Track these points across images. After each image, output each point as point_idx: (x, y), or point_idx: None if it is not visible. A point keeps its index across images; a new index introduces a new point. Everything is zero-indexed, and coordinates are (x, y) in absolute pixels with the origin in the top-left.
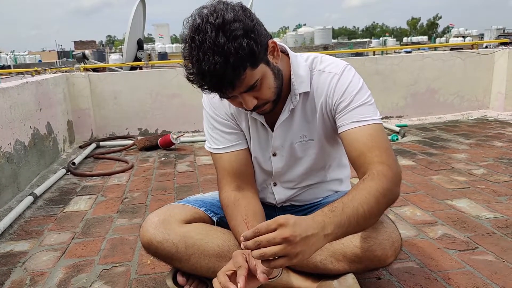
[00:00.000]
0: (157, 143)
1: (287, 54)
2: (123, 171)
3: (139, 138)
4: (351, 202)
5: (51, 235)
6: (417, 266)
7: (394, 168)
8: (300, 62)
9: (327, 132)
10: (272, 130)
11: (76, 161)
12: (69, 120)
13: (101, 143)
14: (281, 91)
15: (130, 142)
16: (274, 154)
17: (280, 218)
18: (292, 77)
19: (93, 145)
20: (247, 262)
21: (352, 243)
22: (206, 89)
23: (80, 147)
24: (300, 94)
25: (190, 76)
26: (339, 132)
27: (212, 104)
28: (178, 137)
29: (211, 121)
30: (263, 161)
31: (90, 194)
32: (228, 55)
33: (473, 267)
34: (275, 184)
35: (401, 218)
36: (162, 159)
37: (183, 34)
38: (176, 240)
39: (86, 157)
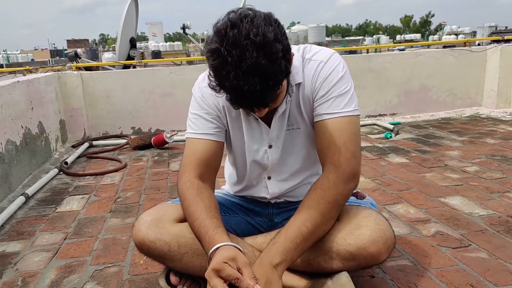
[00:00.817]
0: (151, 142)
1: None
2: (116, 171)
3: (132, 137)
4: (293, 225)
5: (43, 236)
6: (411, 264)
7: (344, 168)
8: (294, 53)
9: (312, 120)
10: (266, 123)
11: (69, 160)
12: (61, 119)
13: (94, 143)
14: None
15: (123, 141)
16: (270, 146)
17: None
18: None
19: (86, 145)
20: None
21: (346, 241)
22: (236, 105)
23: (73, 146)
24: (295, 85)
25: (217, 88)
26: (314, 121)
27: (203, 93)
28: (171, 136)
29: (196, 107)
30: (258, 154)
31: (83, 194)
32: (268, 78)
33: (466, 264)
34: (269, 178)
35: (394, 216)
36: (156, 158)
37: (212, 40)
38: (168, 239)
39: (78, 157)
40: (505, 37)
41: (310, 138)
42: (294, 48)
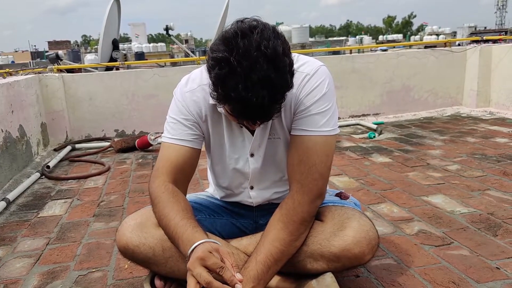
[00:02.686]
0: (134, 145)
1: None
2: (99, 174)
3: (115, 139)
4: (263, 247)
5: (24, 241)
6: (395, 263)
7: (309, 187)
8: None
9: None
10: (250, 131)
11: (51, 164)
12: (42, 122)
13: (77, 146)
14: None
15: (106, 144)
16: (252, 155)
17: None
18: None
19: (68, 148)
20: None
21: (330, 242)
22: (239, 116)
23: (55, 149)
24: None
25: (220, 98)
26: (290, 132)
27: (184, 98)
28: (155, 138)
29: (175, 112)
30: (239, 163)
31: (66, 198)
32: (276, 91)
33: (449, 262)
34: (251, 188)
35: (378, 215)
36: (140, 160)
37: (219, 49)
38: (153, 243)
39: (61, 160)
40: (484, 38)
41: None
42: None
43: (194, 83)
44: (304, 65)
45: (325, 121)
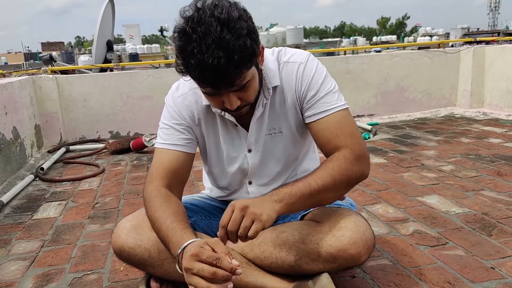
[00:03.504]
0: (129, 146)
1: None
2: (94, 176)
3: (110, 141)
4: (305, 178)
5: (19, 244)
6: (390, 263)
7: (356, 149)
8: (269, 56)
9: (297, 122)
10: (245, 127)
11: (45, 166)
12: (36, 124)
13: (71, 147)
14: (259, 93)
15: (101, 145)
16: (249, 150)
17: (229, 205)
18: (264, 72)
19: (63, 150)
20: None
21: (326, 242)
22: (201, 82)
23: (49, 151)
24: (272, 87)
25: (183, 69)
26: (307, 122)
27: (176, 103)
28: (150, 139)
29: (167, 117)
30: (238, 160)
31: (60, 200)
32: (232, 52)
33: (444, 262)
34: (250, 183)
35: (374, 216)
36: (135, 162)
37: (179, 24)
38: (148, 245)
39: (55, 162)
40: (477, 39)
41: (292, 141)
42: (268, 51)
43: (185, 87)
44: (294, 55)
45: (338, 97)
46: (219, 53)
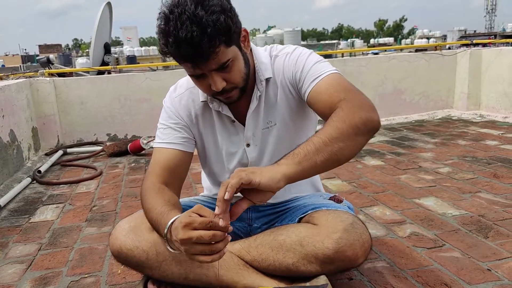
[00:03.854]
0: (127, 149)
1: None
2: (91, 178)
3: (108, 143)
4: (307, 140)
5: (16, 247)
6: (387, 265)
7: (355, 99)
8: (261, 51)
9: (292, 111)
10: (242, 123)
11: (42, 169)
12: (33, 127)
13: (68, 150)
14: (248, 79)
15: (98, 148)
16: (248, 145)
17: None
18: (256, 65)
19: (60, 152)
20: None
21: (324, 244)
22: (180, 59)
23: (46, 154)
24: (265, 80)
25: (164, 48)
26: (306, 99)
27: (173, 103)
28: (148, 142)
29: (165, 118)
30: (237, 155)
31: (57, 203)
32: (205, 26)
33: (441, 264)
34: None
35: (371, 218)
36: (132, 164)
37: (161, 11)
38: (146, 247)
39: (52, 165)
40: (474, 41)
41: (289, 133)
42: (261, 48)
43: (182, 88)
44: (284, 49)
45: (326, 66)
46: (193, 27)
